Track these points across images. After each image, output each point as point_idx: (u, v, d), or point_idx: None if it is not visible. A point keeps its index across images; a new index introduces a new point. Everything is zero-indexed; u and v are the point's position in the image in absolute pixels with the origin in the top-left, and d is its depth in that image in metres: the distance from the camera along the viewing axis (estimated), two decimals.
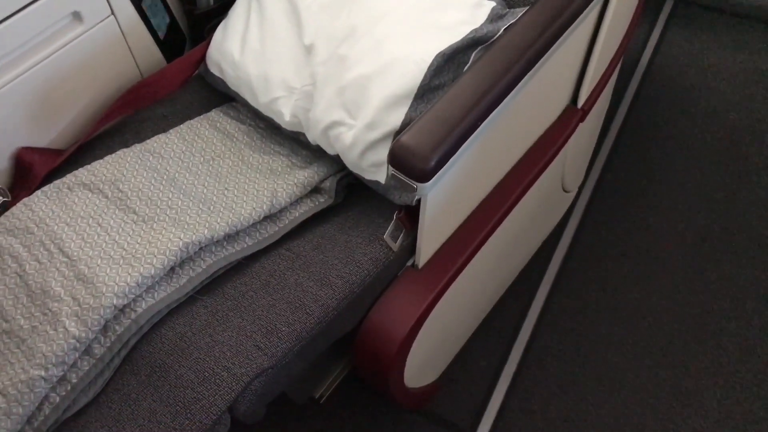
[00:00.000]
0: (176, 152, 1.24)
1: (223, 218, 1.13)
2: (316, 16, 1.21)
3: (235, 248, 1.13)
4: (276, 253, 1.16)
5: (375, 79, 1.10)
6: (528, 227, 1.54)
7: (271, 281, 1.12)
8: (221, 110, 1.32)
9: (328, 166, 1.24)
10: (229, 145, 1.27)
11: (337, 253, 1.14)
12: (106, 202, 1.15)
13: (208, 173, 1.22)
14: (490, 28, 1.12)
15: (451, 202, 1.15)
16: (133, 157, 1.21)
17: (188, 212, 1.14)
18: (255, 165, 1.24)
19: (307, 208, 1.20)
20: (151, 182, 1.18)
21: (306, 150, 1.28)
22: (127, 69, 1.36)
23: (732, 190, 1.84)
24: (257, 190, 1.19)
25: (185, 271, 1.09)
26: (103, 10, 1.26)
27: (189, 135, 1.27)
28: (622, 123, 2.01)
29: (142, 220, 1.13)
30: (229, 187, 1.19)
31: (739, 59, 2.13)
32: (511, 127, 1.18)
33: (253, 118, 1.33)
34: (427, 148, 0.91)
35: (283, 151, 1.28)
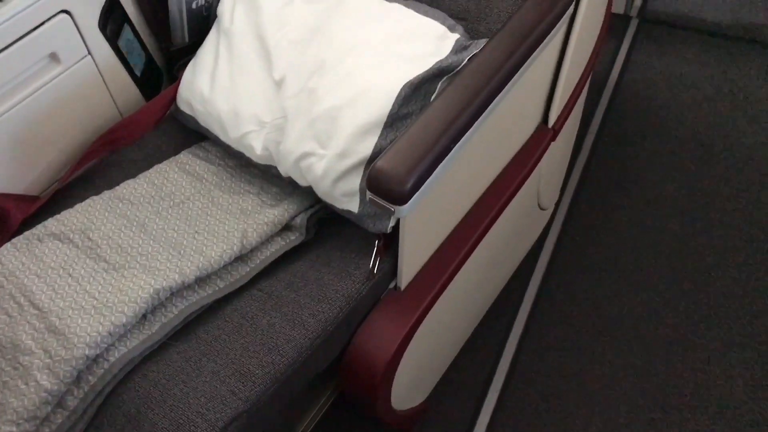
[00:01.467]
0: (146, 197, 1.21)
1: (194, 262, 1.10)
2: (286, 51, 1.20)
3: (206, 291, 1.11)
4: (248, 294, 1.14)
5: (345, 110, 1.10)
6: (507, 245, 1.53)
7: (244, 323, 1.09)
8: (190, 152, 1.30)
9: (298, 202, 1.21)
10: (198, 187, 1.24)
11: (309, 291, 1.12)
12: (76, 252, 1.12)
13: (177, 217, 1.19)
14: (455, 58, 1.13)
15: (430, 224, 1.14)
16: (103, 205, 1.19)
17: (158, 258, 1.12)
18: (225, 206, 1.22)
19: (278, 246, 1.18)
20: (121, 229, 1.16)
21: (276, 187, 1.25)
22: (105, 107, 1.34)
23: (705, 201, 1.83)
24: (227, 232, 1.16)
25: (157, 317, 1.06)
26: (79, 51, 1.25)
27: (158, 179, 1.24)
28: (594, 140, 2.01)
29: (113, 268, 1.10)
30: (199, 230, 1.17)
31: (705, 74, 2.14)
32: (483, 148, 1.18)
33: (223, 157, 1.30)
34: (403, 171, 0.92)
35: (252, 190, 1.25)
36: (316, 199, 1.21)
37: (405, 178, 0.92)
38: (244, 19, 1.25)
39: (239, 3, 1.27)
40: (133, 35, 1.36)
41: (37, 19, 1.17)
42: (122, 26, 1.32)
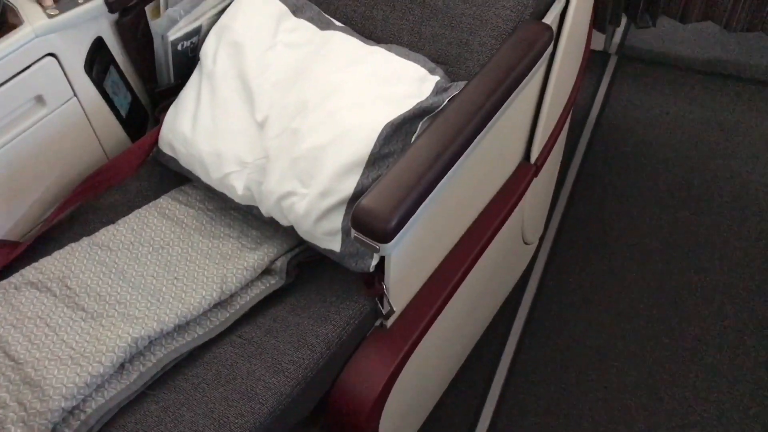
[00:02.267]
0: (125, 244, 1.19)
1: (173, 309, 1.08)
2: (268, 93, 1.20)
3: (185, 339, 1.08)
4: (227, 340, 1.11)
5: (327, 149, 1.09)
6: (493, 280, 1.52)
7: (223, 371, 1.06)
8: (170, 196, 1.28)
9: (278, 245, 1.19)
10: (177, 232, 1.22)
11: (289, 337, 1.10)
12: (54, 301, 1.10)
13: (157, 263, 1.17)
14: (436, 99, 1.13)
15: (415, 261, 1.13)
16: (82, 252, 1.16)
17: (137, 305, 1.09)
18: (204, 250, 1.20)
19: (258, 291, 1.16)
20: (99, 277, 1.13)
21: (256, 230, 1.24)
22: (90, 148, 1.32)
23: (687, 233, 1.83)
24: (207, 277, 1.14)
25: (135, 366, 1.03)
26: (65, 93, 1.24)
27: (137, 225, 1.22)
28: (576, 175, 2.01)
29: (91, 317, 1.07)
30: (178, 276, 1.15)
31: (683, 108, 2.15)
32: (466, 185, 1.18)
33: (203, 201, 1.29)
34: (387, 209, 0.92)
35: (232, 234, 1.23)
36: (297, 242, 1.20)
37: (389, 216, 0.92)
38: (227, 62, 1.25)
39: (222, 46, 1.27)
40: (119, 77, 1.35)
41: (24, 63, 1.16)
42: (108, 68, 1.32)
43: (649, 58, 2.36)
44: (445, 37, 1.28)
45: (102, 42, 1.30)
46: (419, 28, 1.30)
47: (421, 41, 1.29)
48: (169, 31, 1.32)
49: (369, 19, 1.34)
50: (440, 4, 1.29)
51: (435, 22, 1.29)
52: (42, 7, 1.19)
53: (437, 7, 1.29)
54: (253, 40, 1.26)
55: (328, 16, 1.34)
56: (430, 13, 1.30)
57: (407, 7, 1.31)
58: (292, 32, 1.28)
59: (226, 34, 1.28)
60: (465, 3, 1.28)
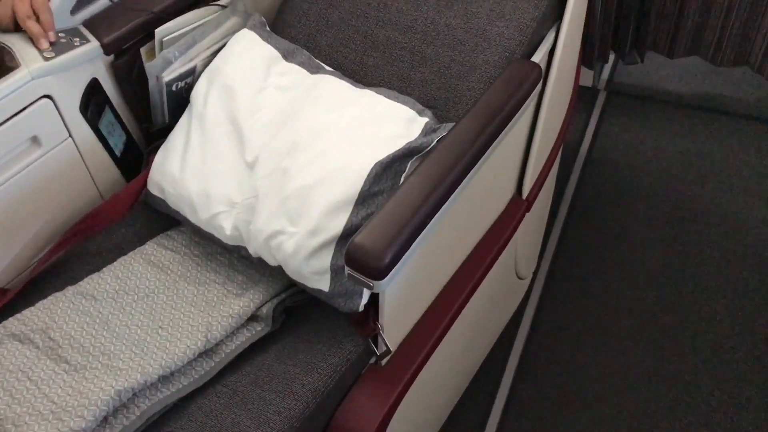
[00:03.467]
0: (109, 292, 1.19)
1: (157, 360, 1.07)
2: (259, 134, 1.21)
3: (170, 390, 1.07)
4: (212, 390, 1.10)
5: (317, 188, 1.10)
6: (487, 315, 1.52)
7: (208, 422, 1.05)
8: (156, 242, 1.28)
9: (264, 291, 1.19)
10: (163, 279, 1.22)
11: (275, 386, 1.08)
12: (36, 353, 1.08)
13: (141, 312, 1.17)
14: (425, 140, 1.15)
15: (409, 298, 1.13)
16: (66, 302, 1.16)
17: (121, 357, 1.08)
18: (190, 298, 1.19)
19: (243, 339, 1.14)
20: (83, 327, 1.13)
21: (242, 275, 1.24)
22: (84, 189, 1.33)
23: (679, 266, 1.84)
24: (191, 326, 1.13)
25: (119, 419, 1.02)
26: (60, 133, 1.25)
27: (122, 272, 1.22)
28: (568, 209, 2.03)
29: (74, 369, 1.06)
30: (163, 325, 1.14)
31: (673, 143, 2.18)
32: (459, 221, 1.19)
33: (188, 245, 1.29)
34: (381, 246, 0.93)
35: (218, 279, 1.23)
36: (283, 286, 1.20)
37: (383, 253, 0.93)
38: (217, 104, 1.27)
39: (213, 89, 1.28)
40: (114, 117, 1.36)
41: (19, 105, 1.17)
42: (103, 108, 1.34)
43: (637, 93, 2.40)
44: (434, 82, 1.31)
45: (97, 83, 1.31)
46: (409, 74, 1.33)
47: (410, 87, 1.33)
48: (163, 72, 1.33)
49: (360, 65, 1.38)
50: (430, 51, 1.33)
51: (424, 69, 1.32)
52: (38, 49, 1.21)
53: (427, 54, 1.33)
54: (245, 83, 1.28)
55: (319, 61, 1.37)
56: (419, 60, 1.33)
57: (397, 54, 1.35)
58: (283, 76, 1.31)
59: (217, 77, 1.30)
60: (454, 50, 1.31)
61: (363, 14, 1.40)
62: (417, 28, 1.35)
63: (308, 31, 1.44)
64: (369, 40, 1.39)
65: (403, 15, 1.37)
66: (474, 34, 1.31)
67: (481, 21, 1.31)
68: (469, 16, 1.33)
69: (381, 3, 1.40)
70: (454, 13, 1.34)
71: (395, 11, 1.38)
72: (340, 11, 1.43)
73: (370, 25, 1.39)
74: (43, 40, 1.20)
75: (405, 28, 1.36)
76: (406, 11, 1.37)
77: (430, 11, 1.36)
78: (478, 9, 1.33)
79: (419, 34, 1.35)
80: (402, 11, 1.37)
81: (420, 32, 1.35)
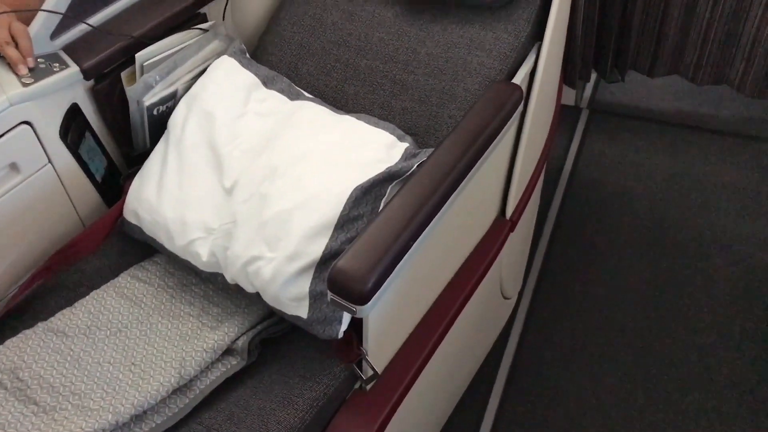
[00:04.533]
0: (81, 328, 1.16)
1: (129, 399, 1.04)
2: (238, 160, 1.21)
3: (142, 429, 1.04)
4: (187, 428, 1.07)
5: (296, 213, 1.09)
6: (473, 336, 1.51)
7: None
8: (129, 274, 1.26)
9: (240, 323, 1.17)
10: (136, 313, 1.20)
11: (250, 423, 1.06)
12: (4, 394, 1.06)
13: (114, 348, 1.14)
14: (405, 164, 1.15)
15: (394, 321, 1.12)
16: (36, 340, 1.13)
17: (92, 396, 1.06)
18: (163, 332, 1.17)
19: (218, 373, 1.12)
20: (53, 366, 1.10)
21: (217, 307, 1.22)
22: (65, 215, 1.31)
23: (664, 283, 1.85)
24: (165, 362, 1.11)
25: None
26: (40, 160, 1.23)
27: (95, 307, 1.19)
28: (553, 228, 2.03)
29: (43, 411, 1.03)
30: (135, 362, 1.12)
31: (655, 161, 2.19)
32: (443, 243, 1.19)
33: (163, 277, 1.27)
34: (364, 270, 0.92)
35: (193, 312, 1.21)
36: (259, 318, 1.18)
37: (366, 277, 0.92)
38: (196, 129, 1.26)
39: (192, 115, 1.28)
40: (95, 142, 1.35)
41: None
42: (83, 134, 1.33)
43: (619, 111, 2.42)
44: (415, 110, 1.32)
45: (77, 108, 1.30)
46: (389, 102, 1.34)
47: (391, 114, 1.34)
48: (144, 96, 1.33)
49: (340, 93, 1.39)
50: (411, 79, 1.34)
51: (405, 97, 1.33)
52: (17, 75, 1.20)
53: (407, 82, 1.34)
54: (224, 109, 1.27)
55: (300, 89, 1.38)
56: (400, 88, 1.34)
57: (378, 82, 1.36)
58: (262, 102, 1.31)
59: (196, 103, 1.29)
60: (435, 79, 1.32)
61: (344, 43, 1.42)
62: (398, 57, 1.37)
63: (289, 59, 1.45)
64: (350, 68, 1.40)
65: (385, 45, 1.39)
66: (454, 63, 1.33)
67: (462, 51, 1.33)
68: (450, 47, 1.34)
69: (362, 33, 1.41)
70: (435, 43, 1.36)
71: (377, 41, 1.40)
72: (322, 40, 1.44)
73: (351, 54, 1.41)
74: (22, 66, 1.20)
75: (386, 57, 1.38)
76: (388, 41, 1.39)
77: (411, 41, 1.37)
78: (458, 39, 1.34)
79: (400, 63, 1.36)
80: (383, 41, 1.39)
81: (401, 62, 1.36)
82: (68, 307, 1.20)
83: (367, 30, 1.41)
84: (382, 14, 1.42)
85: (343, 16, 1.44)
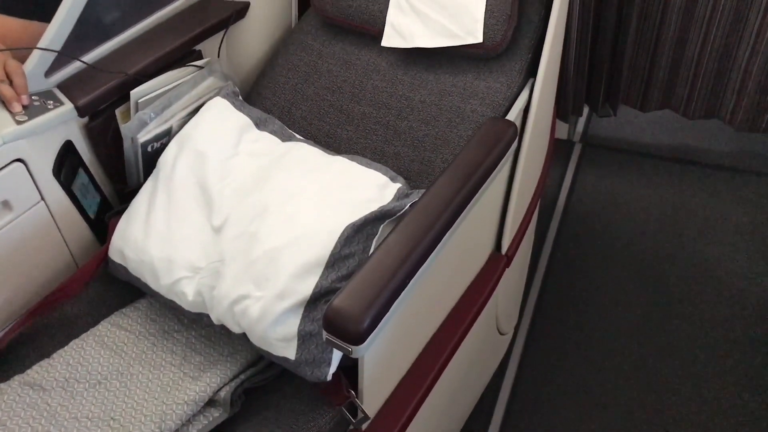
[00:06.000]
0: (59, 381, 1.12)
1: None
2: (228, 199, 1.20)
3: None
4: None
5: (286, 251, 1.07)
6: (469, 373, 1.50)
7: None
8: (110, 322, 1.24)
9: (222, 373, 1.14)
10: (116, 363, 1.17)
11: None
12: None
13: (93, 401, 1.11)
14: (397, 204, 1.14)
15: (389, 361, 1.10)
16: (11, 395, 1.09)
17: None
18: (144, 383, 1.14)
19: (200, 426, 1.08)
20: (29, 423, 1.06)
21: (200, 356, 1.19)
22: (57, 253, 1.30)
23: (660, 318, 1.84)
24: (145, 416, 1.08)
25: None
26: (32, 197, 1.22)
27: (74, 358, 1.16)
28: (548, 262, 2.03)
29: None
30: (114, 416, 1.08)
31: (648, 194, 2.21)
32: (438, 280, 1.18)
33: (144, 324, 1.24)
34: (359, 309, 0.91)
35: (174, 361, 1.18)
36: (242, 366, 1.16)
37: (362, 316, 0.91)
38: (186, 168, 1.26)
39: (183, 154, 1.27)
40: (88, 179, 1.35)
41: None
42: (77, 170, 1.32)
43: (612, 145, 2.44)
44: (407, 155, 1.33)
45: (71, 145, 1.30)
46: (382, 148, 1.35)
47: (383, 159, 1.35)
48: (139, 133, 1.33)
49: (333, 138, 1.41)
50: (404, 125, 1.35)
51: (398, 142, 1.34)
52: (10, 113, 1.20)
53: (401, 128, 1.35)
54: (216, 149, 1.27)
55: (292, 131, 1.39)
56: (393, 134, 1.35)
57: (371, 128, 1.37)
58: (254, 143, 1.31)
59: (188, 143, 1.29)
60: (428, 125, 1.34)
61: (339, 90, 1.44)
62: (392, 104, 1.39)
63: (283, 103, 1.47)
64: (344, 114, 1.41)
65: (379, 92, 1.41)
66: (448, 110, 1.34)
67: (455, 99, 1.35)
68: (443, 95, 1.36)
69: (357, 80, 1.43)
70: (429, 91, 1.38)
71: (371, 88, 1.42)
72: (316, 86, 1.46)
73: (345, 100, 1.43)
74: (16, 103, 1.19)
75: (380, 104, 1.40)
76: (382, 88, 1.41)
77: (405, 89, 1.40)
78: (451, 88, 1.36)
79: (394, 110, 1.38)
80: (378, 88, 1.41)
81: (395, 108, 1.38)
82: (46, 359, 1.16)
83: (362, 77, 1.43)
84: (377, 63, 1.44)
85: (338, 64, 1.46)
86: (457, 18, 1.32)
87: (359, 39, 1.47)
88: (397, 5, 1.38)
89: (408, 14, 1.37)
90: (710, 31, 1.99)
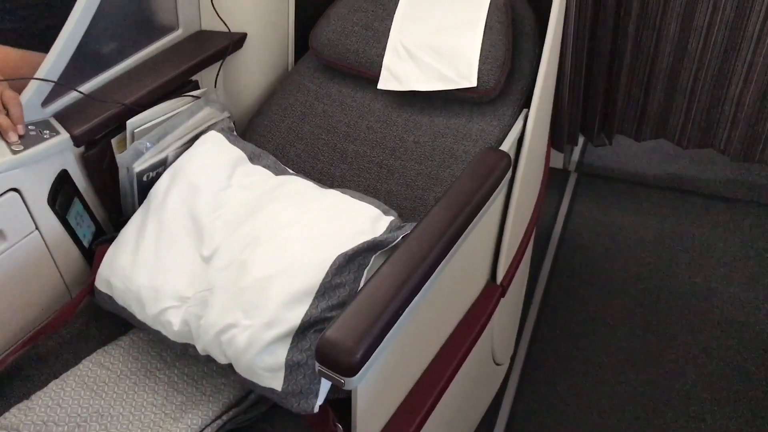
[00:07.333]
0: (37, 425, 1.10)
1: None
2: (219, 230, 1.20)
3: None
4: None
5: (276, 280, 1.07)
6: (464, 404, 1.48)
7: None
8: (91, 360, 1.22)
9: (204, 414, 1.12)
10: (96, 405, 1.15)
11: None
12: None
13: None
14: (390, 236, 1.15)
15: (383, 392, 1.09)
16: None
17: None
18: (124, 424, 1.12)
19: None
20: None
21: (182, 395, 1.18)
22: (51, 282, 1.30)
23: (656, 346, 1.84)
24: None
25: None
26: (27, 226, 1.22)
27: (53, 400, 1.14)
28: (543, 292, 2.02)
29: None
30: None
31: (643, 222, 2.21)
32: (433, 311, 1.17)
33: (126, 362, 1.23)
34: (352, 340, 0.89)
35: (156, 401, 1.16)
36: (225, 407, 1.15)
37: (355, 348, 0.90)
38: (178, 199, 1.26)
39: (176, 186, 1.28)
40: (83, 208, 1.35)
41: None
42: (72, 200, 1.32)
43: (607, 174, 2.44)
44: (400, 193, 1.34)
45: (67, 174, 1.30)
46: (376, 186, 1.37)
47: (377, 196, 1.36)
48: (134, 163, 1.33)
49: (327, 175, 1.42)
50: (397, 165, 1.37)
51: (391, 181, 1.36)
52: (6, 142, 1.20)
53: (394, 167, 1.37)
54: (209, 181, 1.28)
55: (286, 167, 1.40)
56: (386, 172, 1.37)
57: (365, 166, 1.39)
58: (247, 176, 1.31)
59: (180, 175, 1.30)
60: (421, 164, 1.35)
61: (333, 130, 1.46)
62: (386, 144, 1.41)
63: (278, 141, 1.49)
64: (338, 153, 1.44)
65: (373, 132, 1.43)
66: (441, 151, 1.36)
67: (448, 140, 1.37)
68: (437, 136, 1.38)
69: (351, 121, 1.46)
70: (422, 132, 1.40)
71: (365, 128, 1.44)
72: (311, 126, 1.48)
73: (339, 139, 1.45)
74: (12, 133, 1.20)
75: (374, 143, 1.42)
76: (376, 129, 1.43)
77: (398, 130, 1.42)
78: (445, 130, 1.38)
79: (387, 149, 1.40)
80: (372, 129, 1.44)
81: (388, 148, 1.40)
82: (25, 401, 1.15)
83: (356, 118, 1.46)
84: (372, 104, 1.46)
85: (334, 105, 1.49)
86: (452, 63, 1.35)
87: (355, 81, 1.50)
88: (394, 50, 1.41)
89: (404, 59, 1.40)
90: (703, 62, 2.01)
